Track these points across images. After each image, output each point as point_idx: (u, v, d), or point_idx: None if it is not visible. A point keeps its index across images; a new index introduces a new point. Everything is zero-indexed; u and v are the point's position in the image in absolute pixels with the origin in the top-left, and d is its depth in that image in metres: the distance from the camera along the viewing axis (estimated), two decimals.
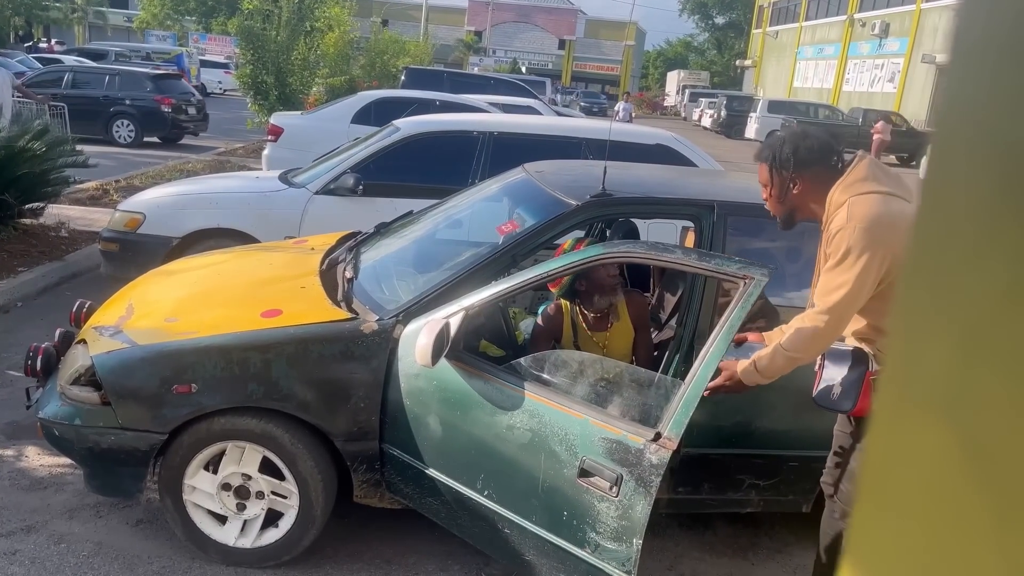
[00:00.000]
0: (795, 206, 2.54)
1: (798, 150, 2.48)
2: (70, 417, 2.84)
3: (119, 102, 14.57)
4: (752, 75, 49.91)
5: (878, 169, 2.48)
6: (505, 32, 57.17)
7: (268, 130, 9.16)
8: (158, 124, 14.84)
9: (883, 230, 2.30)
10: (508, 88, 14.96)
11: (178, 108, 15.02)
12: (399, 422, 2.83)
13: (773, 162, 2.51)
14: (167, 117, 14.71)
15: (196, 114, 15.63)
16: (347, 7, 18.84)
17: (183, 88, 15.87)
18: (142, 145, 14.51)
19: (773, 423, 3.14)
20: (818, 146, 2.52)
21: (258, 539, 2.97)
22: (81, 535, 3.12)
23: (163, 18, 42.17)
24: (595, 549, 2.42)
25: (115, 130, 14.56)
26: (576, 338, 3.33)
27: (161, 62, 26.90)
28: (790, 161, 2.48)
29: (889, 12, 33.30)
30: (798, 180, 2.48)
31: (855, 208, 2.35)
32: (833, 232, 2.37)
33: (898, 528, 0.40)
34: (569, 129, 6.19)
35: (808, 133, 2.58)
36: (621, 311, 3.33)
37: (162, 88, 14.85)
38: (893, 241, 2.31)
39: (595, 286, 3.23)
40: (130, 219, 5.39)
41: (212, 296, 3.34)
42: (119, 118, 14.57)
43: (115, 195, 8.91)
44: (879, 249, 2.29)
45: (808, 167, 2.48)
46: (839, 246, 2.33)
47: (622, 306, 3.33)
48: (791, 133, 2.58)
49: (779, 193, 2.53)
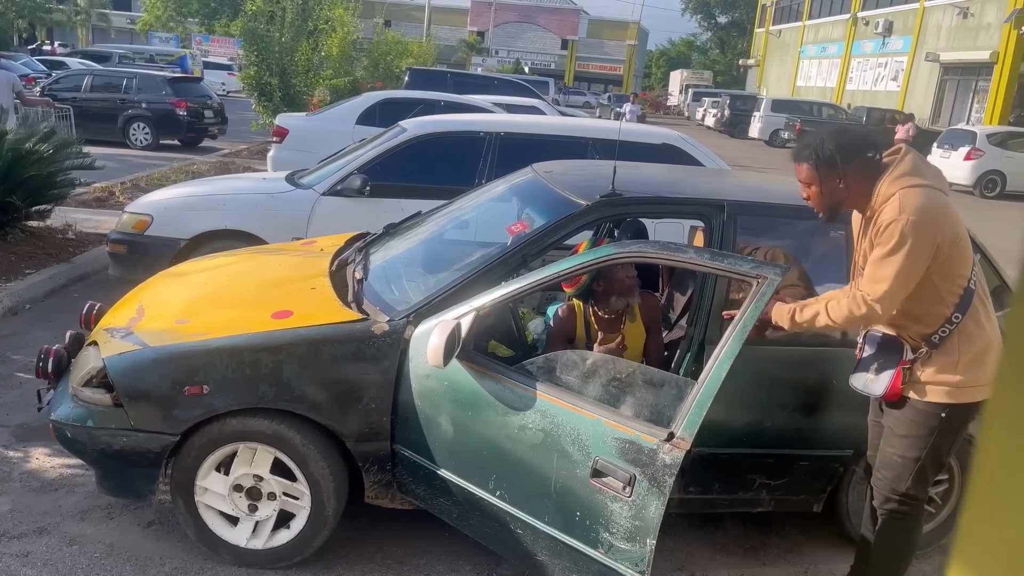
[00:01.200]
0: (841, 200, 2.59)
1: (841, 146, 2.53)
2: (82, 419, 2.85)
3: (135, 105, 14.65)
4: (755, 74, 49.84)
5: (922, 163, 2.56)
6: (508, 32, 57.18)
7: (273, 131, 9.17)
8: (174, 127, 14.91)
9: (932, 222, 2.41)
10: (511, 88, 14.97)
11: (195, 111, 15.07)
12: (410, 423, 2.84)
13: (817, 161, 2.54)
14: (183, 120, 14.77)
15: (214, 117, 15.66)
16: (350, 8, 18.86)
17: (201, 91, 15.93)
18: (159, 148, 14.57)
19: (784, 422, 3.13)
20: (858, 140, 2.59)
21: (270, 540, 2.98)
22: (93, 537, 3.12)
23: (166, 20, 42.25)
24: (608, 549, 2.42)
25: (132, 133, 14.63)
26: (588, 339, 3.33)
27: (165, 64, 26.96)
28: (835, 157, 2.52)
29: (892, 10, 33.22)
30: (846, 175, 2.53)
31: (906, 200, 2.42)
32: (885, 223, 2.43)
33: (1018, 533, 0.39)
34: (576, 129, 6.18)
35: (844, 128, 2.66)
36: (634, 312, 3.33)
37: (178, 91, 14.92)
38: (939, 232, 2.42)
39: (613, 287, 3.22)
40: (137, 221, 5.40)
41: (222, 297, 3.34)
42: (136, 121, 14.65)
43: (121, 197, 8.93)
44: (929, 240, 2.40)
45: (852, 161, 2.52)
46: (891, 236, 2.40)
47: (635, 307, 3.33)
48: (829, 131, 2.63)
49: (826, 190, 2.56)
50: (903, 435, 2.63)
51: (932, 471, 2.69)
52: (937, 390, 2.55)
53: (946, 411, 2.55)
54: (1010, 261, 2.59)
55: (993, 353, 2.58)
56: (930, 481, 2.72)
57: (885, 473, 2.70)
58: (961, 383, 2.53)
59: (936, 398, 2.56)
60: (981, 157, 18.03)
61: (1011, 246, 6.11)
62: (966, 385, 2.53)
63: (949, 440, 2.62)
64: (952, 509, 3.42)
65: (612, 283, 3.22)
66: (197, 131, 15.41)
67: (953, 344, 2.53)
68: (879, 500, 2.73)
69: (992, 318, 2.61)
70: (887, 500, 2.70)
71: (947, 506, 3.42)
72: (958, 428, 2.61)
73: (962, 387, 2.53)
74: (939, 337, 2.53)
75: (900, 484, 2.66)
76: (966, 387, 2.53)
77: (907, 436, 2.62)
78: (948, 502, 3.42)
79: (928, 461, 2.63)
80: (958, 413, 2.57)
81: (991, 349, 2.57)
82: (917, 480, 2.65)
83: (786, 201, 3.49)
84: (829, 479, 3.26)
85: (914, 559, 2.90)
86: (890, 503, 2.70)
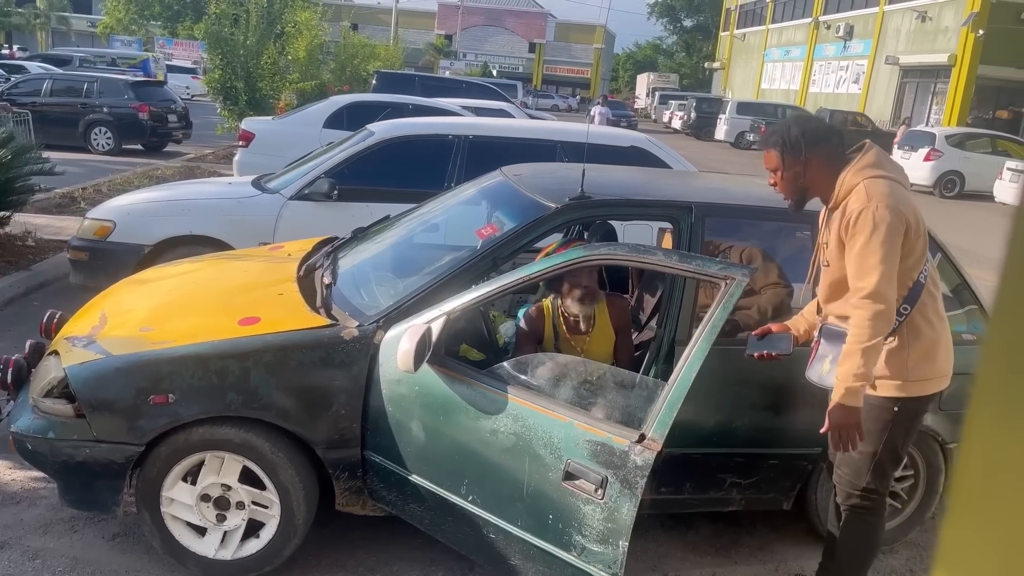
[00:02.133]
0: (807, 187, 2.64)
1: (805, 132, 2.59)
2: (43, 430, 2.78)
3: (97, 110, 14.37)
4: (720, 77, 50.40)
5: (884, 158, 2.63)
6: (475, 36, 57.19)
7: (239, 135, 9.06)
8: (136, 132, 14.63)
9: (899, 205, 2.46)
10: (480, 91, 14.97)
11: (159, 116, 14.80)
12: (381, 429, 2.81)
13: (784, 146, 2.60)
14: (145, 125, 14.50)
15: (178, 121, 15.39)
16: (317, 11, 18.72)
17: (164, 95, 15.65)
18: (121, 153, 14.30)
19: (753, 422, 3.16)
20: (822, 126, 2.67)
21: (239, 550, 2.93)
22: (56, 550, 3.05)
23: (128, 23, 41.54)
24: (581, 552, 2.42)
25: (93, 138, 14.35)
26: (557, 340, 3.33)
27: (127, 67, 26.54)
28: (800, 142, 2.58)
29: (853, 14, 33.81)
30: (811, 160, 2.59)
31: (871, 188, 2.48)
32: (855, 212, 2.47)
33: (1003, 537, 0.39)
34: (544, 132, 6.20)
35: (810, 116, 2.71)
36: (601, 315, 3.33)
37: (141, 95, 14.64)
38: (906, 214, 2.47)
39: (572, 293, 3.23)
40: (100, 227, 5.30)
41: (188, 304, 3.29)
42: (97, 126, 14.37)
43: (83, 203, 8.77)
44: (899, 220, 2.44)
45: (817, 146, 2.58)
46: (864, 224, 2.44)
47: (602, 310, 3.33)
48: (794, 117, 2.70)
49: (792, 176, 2.62)
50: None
51: (890, 464, 2.74)
52: (889, 384, 2.61)
53: (898, 405, 2.61)
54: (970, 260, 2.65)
55: (943, 349, 2.63)
56: (889, 474, 2.77)
57: (845, 470, 2.74)
58: (912, 377, 2.59)
59: (888, 392, 2.61)
60: (940, 158, 18.40)
61: (971, 245, 6.24)
62: (917, 379, 2.59)
63: (903, 433, 2.67)
64: (918, 504, 3.48)
65: (572, 289, 3.22)
66: (160, 136, 15.15)
67: (902, 337, 2.58)
68: (842, 497, 2.78)
69: (942, 316, 2.66)
70: (849, 496, 2.75)
71: (913, 501, 3.47)
72: (911, 421, 2.67)
73: (913, 381, 2.59)
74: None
75: (860, 479, 2.70)
76: (917, 380, 2.59)
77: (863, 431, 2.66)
78: (914, 497, 3.47)
79: (884, 455, 2.68)
80: (911, 406, 2.63)
81: (940, 345, 2.62)
82: (876, 474, 2.69)
83: (752, 202, 3.53)
84: (798, 477, 3.30)
85: (882, 554, 2.95)
86: (852, 499, 2.74)
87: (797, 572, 3.28)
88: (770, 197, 3.75)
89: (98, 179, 10.68)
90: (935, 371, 2.62)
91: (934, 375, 2.62)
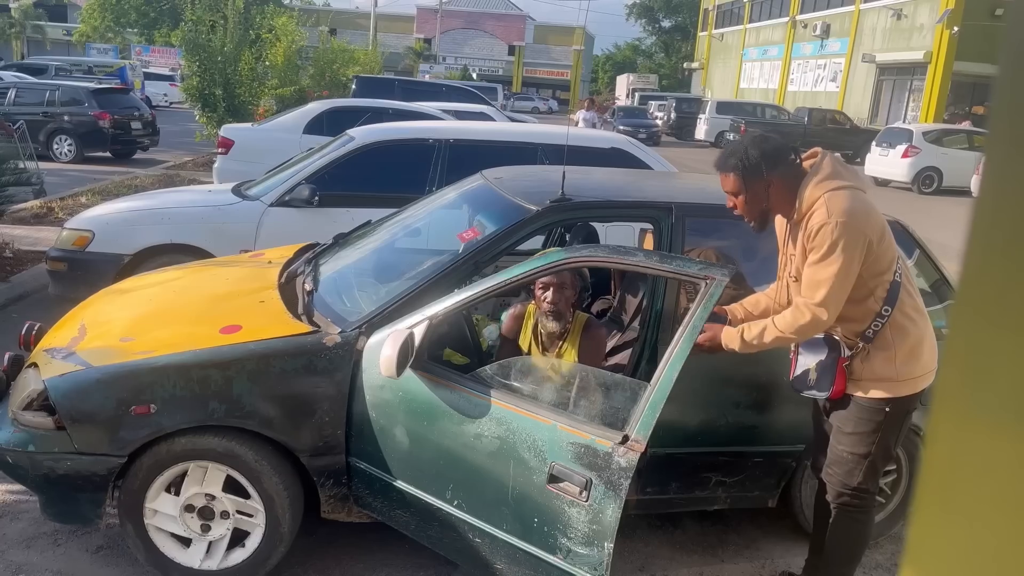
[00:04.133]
0: (769, 207, 2.62)
1: (765, 152, 2.55)
2: (23, 443, 2.75)
3: (58, 118, 14.14)
4: (700, 77, 50.65)
5: (840, 165, 2.60)
6: (454, 39, 57.16)
7: (218, 142, 9.01)
8: (98, 140, 14.39)
9: (860, 221, 2.45)
10: (460, 95, 14.95)
11: (122, 123, 14.58)
12: (365, 435, 2.80)
13: (744, 169, 2.56)
14: (107, 132, 14.27)
15: (143, 128, 15.19)
16: (294, 16, 18.63)
17: (128, 102, 15.42)
18: (84, 161, 14.10)
19: (737, 420, 3.18)
20: (780, 146, 2.62)
21: (224, 560, 2.91)
22: (39, 564, 3.02)
23: (104, 31, 41.19)
24: (567, 555, 2.42)
25: (55, 147, 14.14)
26: (534, 345, 3.30)
27: (104, 75, 26.30)
28: (760, 164, 2.54)
29: (829, 13, 34.10)
30: (772, 181, 2.56)
31: (832, 204, 2.46)
32: (815, 228, 2.47)
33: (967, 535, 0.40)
34: (525, 135, 6.20)
35: (765, 136, 2.68)
36: (572, 339, 3.17)
37: (103, 103, 14.40)
38: (868, 229, 2.47)
39: (539, 303, 3.13)
40: (78, 237, 5.25)
41: (168, 314, 3.27)
42: (59, 134, 14.15)
43: (60, 213, 8.68)
44: (860, 238, 2.44)
45: (777, 167, 2.56)
46: (823, 241, 2.44)
47: (575, 335, 3.17)
48: (750, 138, 2.65)
49: (753, 198, 2.59)
50: (851, 432, 2.68)
51: (882, 464, 2.76)
52: (879, 386, 2.62)
53: (889, 405, 2.62)
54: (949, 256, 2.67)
55: (927, 345, 2.65)
56: (880, 474, 2.79)
57: (836, 469, 2.75)
58: (900, 376, 2.60)
59: (879, 394, 2.62)
60: (918, 154, 18.57)
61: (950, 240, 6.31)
62: (905, 378, 2.60)
63: (895, 432, 2.69)
64: (901, 498, 3.51)
65: (540, 301, 3.10)
66: (124, 143, 14.84)
67: (887, 338, 2.59)
68: (832, 495, 2.79)
69: (922, 310, 2.67)
70: (840, 495, 2.76)
71: (896, 495, 3.51)
72: (902, 420, 2.68)
73: (902, 380, 2.60)
74: (872, 332, 2.59)
75: (852, 479, 2.71)
76: (906, 380, 2.60)
77: (854, 433, 2.68)
78: (897, 492, 3.50)
79: (877, 455, 2.69)
80: (900, 405, 2.64)
81: (925, 341, 2.64)
82: (868, 474, 2.71)
83: None
84: (782, 474, 3.32)
85: (867, 548, 2.97)
86: (843, 497, 2.75)
87: (784, 569, 3.30)
88: None
89: (76, 188, 10.58)
90: (921, 368, 2.63)
91: (921, 372, 2.63)
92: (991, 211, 0.41)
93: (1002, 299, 0.40)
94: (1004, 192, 0.40)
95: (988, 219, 0.41)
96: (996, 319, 0.40)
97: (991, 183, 0.41)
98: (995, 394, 0.39)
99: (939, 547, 0.42)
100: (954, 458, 0.41)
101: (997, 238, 0.40)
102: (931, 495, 0.42)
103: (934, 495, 0.42)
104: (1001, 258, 0.40)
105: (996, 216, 0.41)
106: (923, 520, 0.43)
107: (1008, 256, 0.40)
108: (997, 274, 0.40)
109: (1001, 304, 0.40)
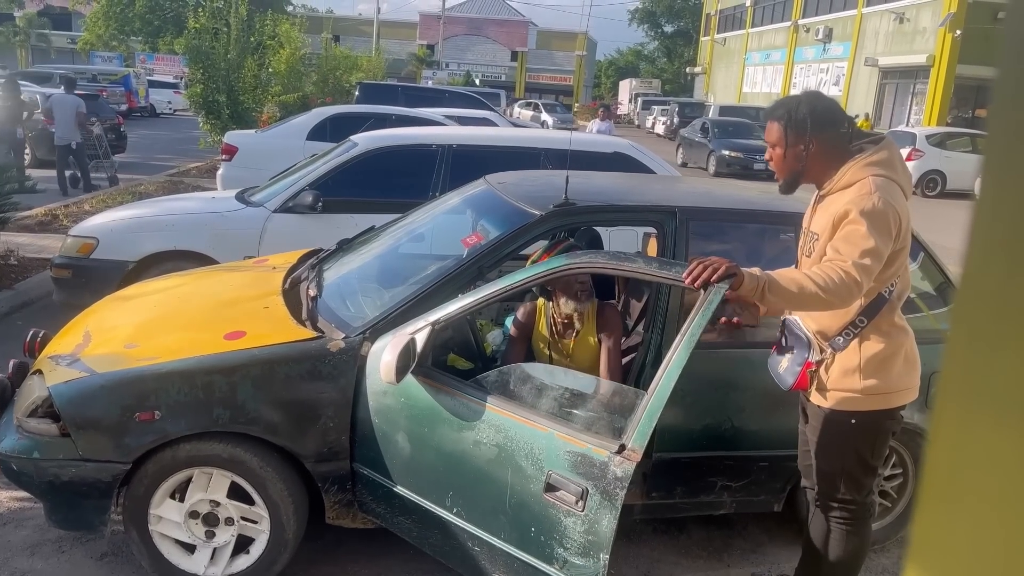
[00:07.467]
0: (803, 169, 2.49)
1: (815, 111, 2.45)
2: (28, 450, 2.75)
3: None
4: (702, 81, 50.66)
5: (898, 159, 2.49)
6: (457, 45, 57.30)
7: (222, 149, 9.03)
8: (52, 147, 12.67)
9: (896, 209, 2.34)
10: (463, 101, 14.98)
11: None
12: (369, 441, 2.80)
13: (788, 121, 2.45)
14: None
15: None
16: (297, 23, 18.69)
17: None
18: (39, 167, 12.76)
19: (742, 424, 3.17)
20: (832, 111, 2.50)
21: (229, 566, 2.91)
22: (44, 572, 3.02)
23: (108, 39, 41.32)
24: (563, 565, 2.39)
25: None
26: (546, 340, 3.32)
27: (108, 83, 26.39)
28: (807, 121, 2.43)
29: (831, 17, 34.09)
30: (814, 142, 2.44)
31: (877, 183, 2.35)
32: (858, 196, 2.33)
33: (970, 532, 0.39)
34: (528, 140, 6.21)
35: (821, 96, 2.55)
36: (588, 320, 3.31)
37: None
38: (899, 220, 2.35)
39: (562, 291, 3.22)
40: (83, 244, 5.26)
41: (172, 320, 3.27)
42: None
43: (65, 220, 8.71)
44: (893, 222, 2.33)
45: (824, 129, 2.44)
46: (863, 212, 2.29)
47: (590, 316, 3.31)
48: (806, 94, 2.53)
49: (791, 154, 2.47)
50: (820, 444, 2.60)
51: (864, 476, 2.62)
52: (841, 397, 2.51)
53: (855, 418, 2.51)
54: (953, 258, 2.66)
55: (900, 361, 2.49)
56: (866, 484, 2.64)
57: (819, 483, 2.68)
58: (867, 390, 2.47)
59: (842, 406, 2.51)
60: (921, 158, 18.54)
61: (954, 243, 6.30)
62: (873, 392, 2.47)
63: (869, 445, 2.56)
64: (908, 502, 3.49)
65: (570, 284, 3.19)
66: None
67: (853, 349, 2.48)
68: (822, 508, 2.72)
69: (903, 327, 2.53)
70: (828, 508, 2.69)
71: (902, 499, 3.49)
72: (875, 433, 2.55)
73: (869, 394, 2.48)
74: (843, 340, 2.48)
75: (834, 492, 2.64)
76: (874, 394, 2.48)
77: (822, 445, 2.60)
78: (903, 495, 3.49)
79: (854, 467, 2.59)
80: (871, 419, 2.51)
81: (898, 356, 2.49)
82: (850, 486, 2.61)
83: (736, 205, 3.54)
84: (788, 478, 3.30)
85: (872, 552, 2.94)
86: (832, 510, 2.68)
87: (790, 574, 3.28)
88: (753, 200, 3.77)
89: (80, 196, 10.60)
90: (891, 385, 2.49)
91: (892, 389, 2.49)
92: (990, 209, 0.41)
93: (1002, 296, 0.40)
94: (1003, 191, 0.41)
95: (988, 217, 0.41)
96: (997, 316, 0.40)
97: (990, 182, 0.41)
98: (997, 391, 0.39)
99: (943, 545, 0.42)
100: (957, 456, 0.41)
101: (996, 235, 0.40)
102: (934, 492, 0.42)
103: (937, 492, 0.42)
104: (1001, 256, 0.40)
105: (995, 214, 0.41)
106: (927, 517, 0.43)
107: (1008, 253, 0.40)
108: (997, 271, 0.40)
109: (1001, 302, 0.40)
